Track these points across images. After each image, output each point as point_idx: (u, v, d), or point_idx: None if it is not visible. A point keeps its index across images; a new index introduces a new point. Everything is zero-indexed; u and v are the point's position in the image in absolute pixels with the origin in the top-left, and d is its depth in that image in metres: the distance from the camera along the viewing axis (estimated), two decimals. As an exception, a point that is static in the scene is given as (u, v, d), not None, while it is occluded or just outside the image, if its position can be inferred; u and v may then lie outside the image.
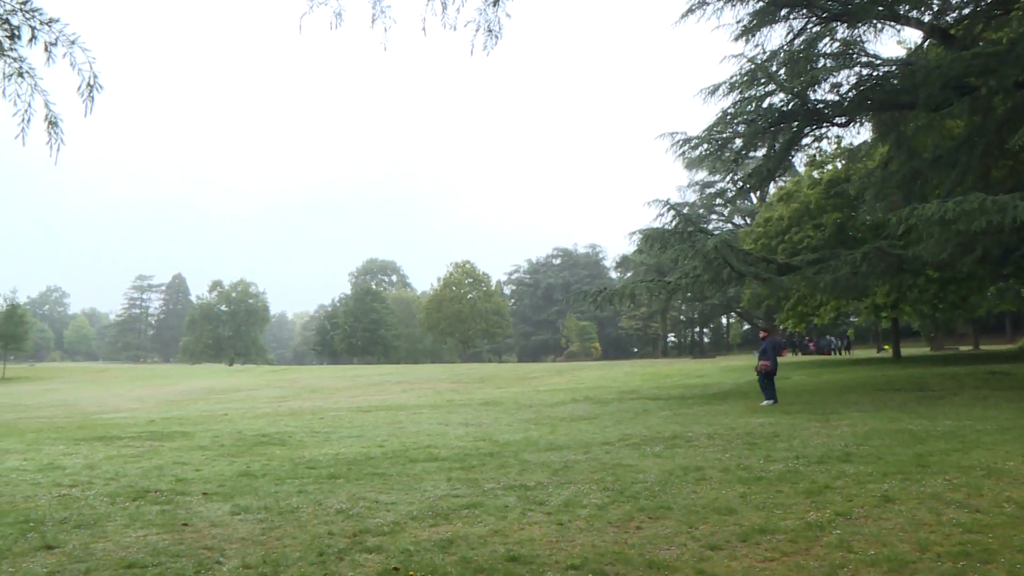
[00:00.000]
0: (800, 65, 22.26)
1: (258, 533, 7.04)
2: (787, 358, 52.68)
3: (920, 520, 6.81)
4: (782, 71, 22.80)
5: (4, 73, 6.33)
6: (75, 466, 11.57)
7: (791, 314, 40.36)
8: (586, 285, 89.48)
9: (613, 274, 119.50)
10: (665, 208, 23.52)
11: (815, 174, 38.21)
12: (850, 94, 22.40)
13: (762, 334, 20.85)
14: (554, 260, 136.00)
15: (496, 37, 7.33)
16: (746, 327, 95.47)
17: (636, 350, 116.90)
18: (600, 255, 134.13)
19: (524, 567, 5.88)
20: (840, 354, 55.57)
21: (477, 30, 7.30)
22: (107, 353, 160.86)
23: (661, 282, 24.59)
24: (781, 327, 48.07)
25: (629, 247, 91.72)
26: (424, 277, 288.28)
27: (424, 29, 7.27)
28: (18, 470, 11.31)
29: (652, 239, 23.35)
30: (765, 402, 19.25)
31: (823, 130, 25.25)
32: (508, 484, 9.14)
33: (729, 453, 10.89)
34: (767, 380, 19.51)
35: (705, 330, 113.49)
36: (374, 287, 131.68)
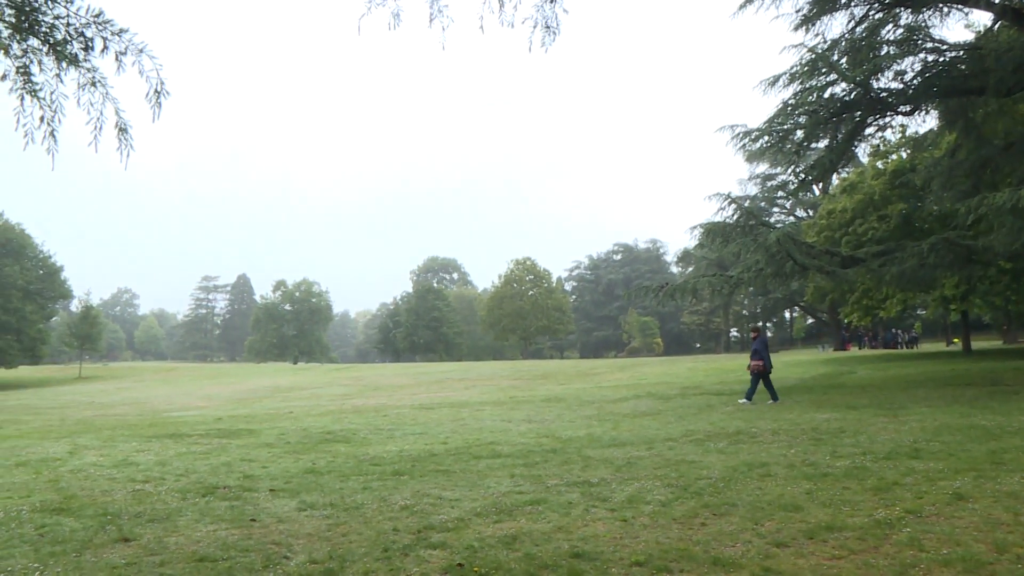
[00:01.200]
0: (862, 53, 21.76)
1: (324, 529, 7.15)
2: (851, 352, 51.75)
3: (996, 519, 6.64)
4: (844, 60, 22.31)
5: (79, 83, 6.53)
6: (148, 462, 11.87)
7: (856, 307, 39.62)
8: (647, 280, 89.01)
9: (674, 269, 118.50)
10: (726, 202, 23.26)
11: (879, 164, 37.42)
12: (915, 81, 21.84)
13: (752, 334, 20.55)
14: (615, 256, 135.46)
15: (554, 33, 7.31)
16: (810, 321, 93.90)
17: (698, 345, 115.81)
18: (661, 250, 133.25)
19: (588, 563, 5.88)
20: (906, 348, 54.37)
21: (535, 27, 7.29)
22: (175, 352, 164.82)
23: (723, 276, 24.29)
24: (846, 321, 47.18)
25: (690, 242, 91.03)
26: (485, 275, 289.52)
27: (482, 27, 7.29)
28: (95, 465, 11.66)
29: (714, 233, 23.12)
30: (742, 400, 19.16)
31: (887, 119, 24.63)
32: (571, 480, 9.14)
33: (794, 449, 10.74)
34: (757, 379, 19.34)
35: (768, 324, 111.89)
36: (435, 285, 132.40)
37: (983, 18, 27.37)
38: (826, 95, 22.39)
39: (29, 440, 16.09)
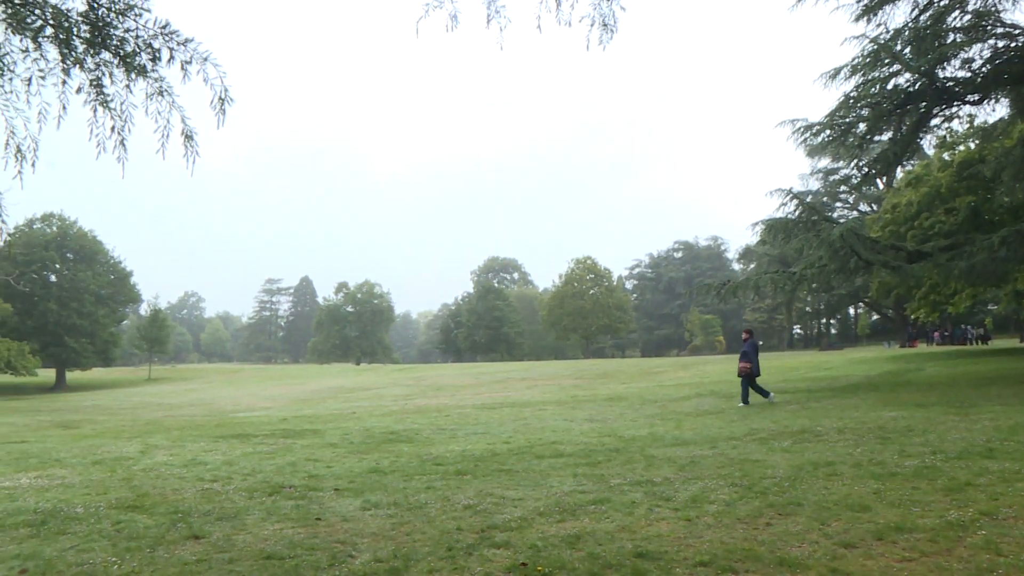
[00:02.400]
0: (927, 42, 21.22)
1: (388, 528, 7.22)
2: (918, 349, 50.58)
3: (1075, 520, 6.43)
4: (907, 50, 21.80)
5: (147, 93, 6.71)
6: (215, 462, 12.12)
7: (923, 303, 38.72)
8: (708, 278, 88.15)
9: (736, 266, 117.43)
10: (788, 197, 22.97)
11: (946, 156, 36.46)
12: (984, 69, 21.25)
13: (744, 336, 20.25)
14: (675, 253, 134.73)
15: (611, 31, 7.25)
16: (875, 318, 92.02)
17: (761, 343, 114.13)
18: (722, 247, 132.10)
19: (652, 563, 5.84)
20: (977, 344, 52.92)
21: (592, 25, 7.24)
22: (240, 354, 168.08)
23: (786, 273, 23.96)
24: (912, 317, 46.12)
25: (752, 238, 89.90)
26: (546, 274, 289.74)
27: (539, 27, 7.27)
28: (166, 464, 11.96)
29: (775, 229, 22.83)
30: (740, 404, 18.91)
31: (954, 109, 24.01)
32: (634, 480, 9.09)
33: (861, 448, 10.54)
34: (746, 382, 19.09)
35: (832, 321, 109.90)
36: (496, 285, 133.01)
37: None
38: (889, 86, 21.92)
39: (104, 439, 16.60)
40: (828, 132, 22.99)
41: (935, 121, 24.58)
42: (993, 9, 21.28)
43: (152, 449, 14.26)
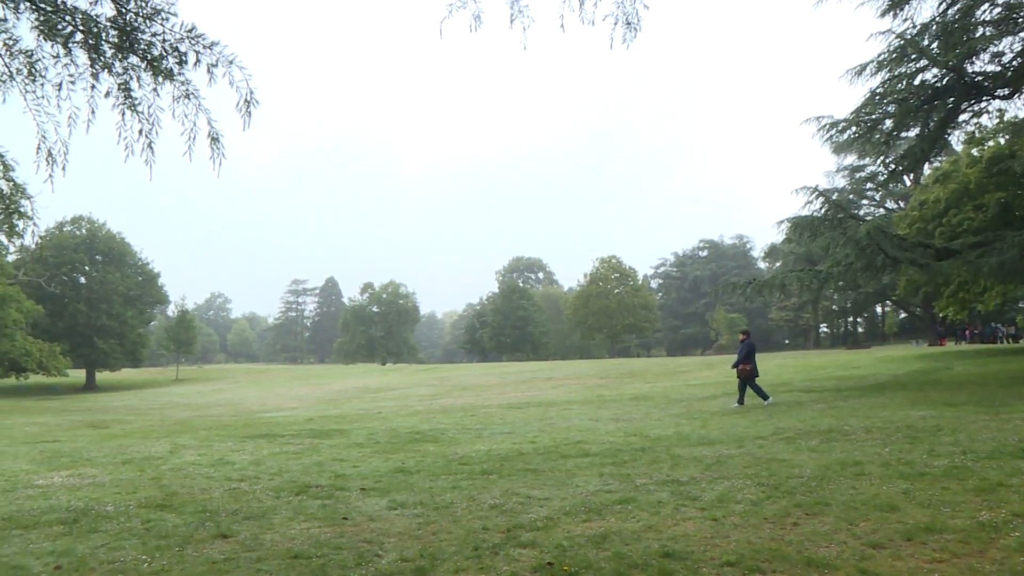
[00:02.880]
0: (955, 36, 20.95)
1: (414, 528, 7.25)
2: (947, 347, 50.04)
3: (1111, 521, 6.34)
4: (935, 44, 21.54)
5: (173, 96, 6.79)
6: (243, 462, 12.24)
7: (951, 301, 38.21)
8: (734, 277, 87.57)
9: (761, 264, 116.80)
10: (813, 195, 22.82)
11: (974, 152, 35.96)
12: (1015, 63, 20.97)
13: (741, 337, 20.58)
14: (700, 252, 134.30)
15: (635, 29, 7.21)
16: (902, 316, 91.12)
17: (787, 341, 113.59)
18: (748, 245, 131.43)
19: (679, 563, 5.83)
20: (1007, 342, 52.27)
21: (615, 24, 7.21)
22: (267, 355, 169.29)
23: (812, 271, 23.76)
24: (940, 315, 45.62)
25: (777, 236, 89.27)
26: (571, 274, 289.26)
27: (562, 26, 7.25)
28: (194, 464, 12.09)
29: (801, 227, 22.68)
30: (736, 405, 19.11)
31: (983, 104, 23.70)
32: (660, 479, 9.08)
33: (889, 447, 10.45)
34: (746, 383, 19.26)
35: (859, 319, 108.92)
36: (521, 285, 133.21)
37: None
38: (916, 82, 21.68)
39: (133, 439, 16.80)
40: (854, 129, 22.78)
41: (963, 117, 24.29)
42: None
43: (180, 449, 14.42)
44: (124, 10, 6.55)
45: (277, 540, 6.94)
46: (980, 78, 21.48)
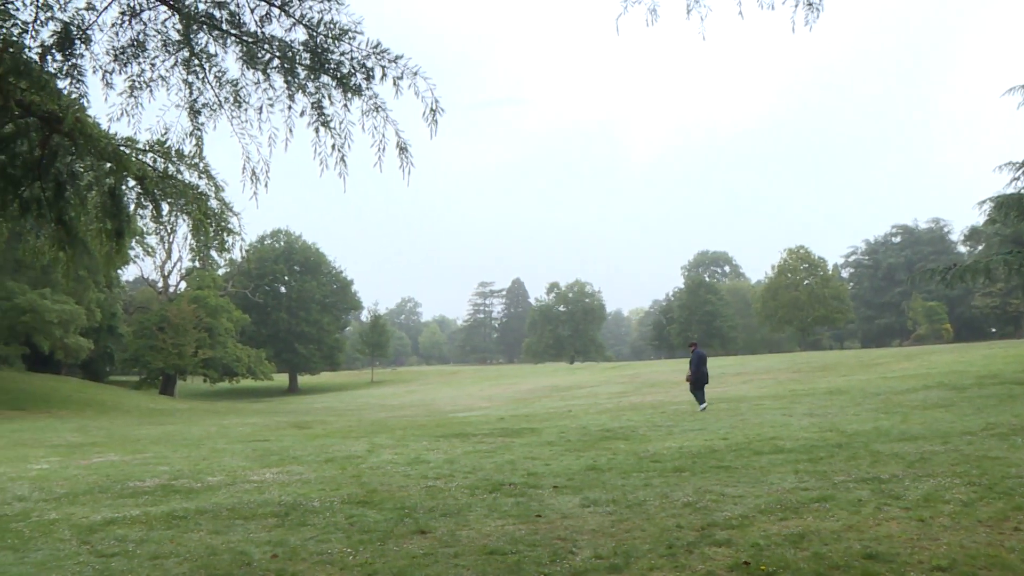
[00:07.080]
0: None
1: (608, 525, 7.27)
2: None
3: None
4: None
5: (362, 110, 7.14)
6: (437, 460, 12.66)
7: None
8: (931, 263, 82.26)
9: (961, 248, 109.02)
10: (1021, 171, 21.14)
11: None
12: None
13: (690, 347, 21.87)
14: (893, 238, 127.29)
15: (817, 10, 6.92)
16: None
17: (994, 330, 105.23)
18: (945, 229, 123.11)
19: (883, 565, 5.56)
20: None
21: (796, 6, 6.96)
22: (457, 356, 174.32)
23: (1021, 254, 22.00)
24: None
25: (979, 218, 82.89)
26: (757, 266, 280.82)
27: (740, 12, 7.04)
28: (391, 463, 12.63)
29: (1007, 207, 21.12)
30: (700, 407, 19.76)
31: None
32: (860, 477, 8.69)
33: None
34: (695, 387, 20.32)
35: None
36: (707, 279, 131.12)
37: None
38: None
39: (334, 439, 17.76)
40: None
41: None
42: None
43: (378, 448, 15.10)
44: (315, 33, 6.96)
45: (473, 536, 7.14)
46: None
